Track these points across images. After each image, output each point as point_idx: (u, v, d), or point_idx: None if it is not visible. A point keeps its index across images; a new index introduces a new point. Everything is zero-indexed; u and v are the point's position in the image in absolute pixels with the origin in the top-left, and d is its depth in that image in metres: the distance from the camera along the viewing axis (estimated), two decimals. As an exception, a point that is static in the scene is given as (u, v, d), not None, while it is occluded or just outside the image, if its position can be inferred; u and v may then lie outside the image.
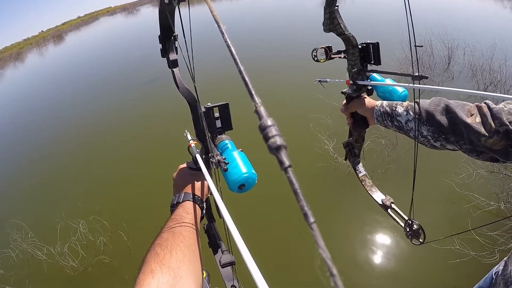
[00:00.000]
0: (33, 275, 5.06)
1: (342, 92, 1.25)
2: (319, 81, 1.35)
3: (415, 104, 0.96)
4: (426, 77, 1.00)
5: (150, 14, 44.01)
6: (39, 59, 36.64)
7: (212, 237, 1.21)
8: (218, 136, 1.08)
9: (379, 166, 5.30)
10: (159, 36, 1.04)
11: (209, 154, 1.04)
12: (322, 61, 1.18)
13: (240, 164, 0.91)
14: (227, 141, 1.04)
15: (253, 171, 0.91)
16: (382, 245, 4.27)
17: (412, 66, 1.04)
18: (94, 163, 7.83)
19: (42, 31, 75.89)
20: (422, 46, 1.14)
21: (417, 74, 0.94)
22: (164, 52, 1.08)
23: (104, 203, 6.10)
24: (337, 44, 1.23)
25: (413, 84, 0.97)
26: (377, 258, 4.12)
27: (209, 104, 1.05)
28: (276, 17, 18.84)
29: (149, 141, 8.03)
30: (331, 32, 1.11)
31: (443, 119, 0.90)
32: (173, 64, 1.06)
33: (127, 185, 6.63)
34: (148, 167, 6.92)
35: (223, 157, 0.94)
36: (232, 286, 1.15)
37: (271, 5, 24.19)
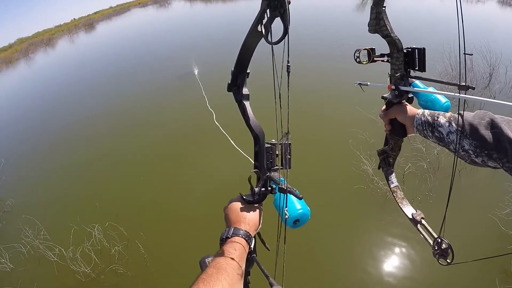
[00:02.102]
0: (43, 274, 4.95)
1: (383, 97, 1.20)
2: (359, 83, 1.29)
3: (459, 115, 0.93)
4: (473, 88, 0.95)
5: (181, 9, 44.75)
6: (69, 46, 37.71)
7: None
8: (273, 173, 1.11)
9: (419, 192, 4.90)
10: (232, 71, 1.11)
11: (268, 188, 1.09)
12: (364, 63, 1.16)
13: (294, 201, 0.98)
14: (280, 179, 1.07)
15: (307, 208, 0.99)
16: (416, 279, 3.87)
17: (459, 75, 0.96)
18: (118, 163, 7.62)
19: (74, 18, 78.08)
20: (472, 54, 1.08)
21: (464, 83, 0.91)
22: (232, 86, 1.13)
23: (123, 207, 5.88)
24: (380, 46, 1.20)
25: (459, 94, 0.93)
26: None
27: (273, 140, 1.11)
28: (308, 18, 18.34)
29: (180, 144, 7.74)
30: (376, 33, 1.09)
31: (487, 134, 0.87)
32: (245, 97, 1.12)
33: (150, 190, 6.32)
34: (176, 173, 6.66)
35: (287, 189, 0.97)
36: None
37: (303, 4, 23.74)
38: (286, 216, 0.95)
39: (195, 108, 9.01)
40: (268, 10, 0.85)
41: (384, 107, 1.21)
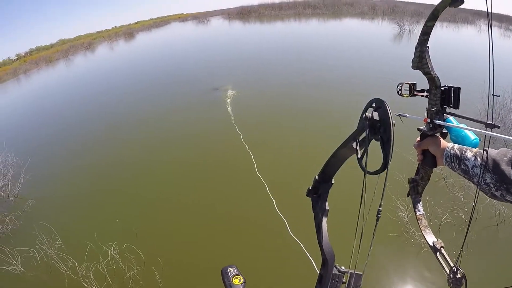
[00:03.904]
0: (53, 285, 4.87)
1: (418, 129, 1.31)
2: (399, 115, 1.34)
3: (484, 151, 1.00)
4: (498, 127, 1.04)
5: (220, 25, 46.27)
6: (108, 52, 39.46)
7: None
8: None
9: (455, 247, 4.48)
10: (315, 178, 1.21)
11: None
12: (405, 96, 1.24)
13: None
14: None
15: None
16: None
17: (487, 114, 1.03)
18: (142, 179, 7.53)
19: (115, 26, 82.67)
20: (499, 96, 1.31)
21: (490, 122, 1.01)
22: (312, 193, 1.21)
23: (144, 226, 5.75)
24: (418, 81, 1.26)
25: (485, 131, 1.03)
26: None
27: (343, 267, 1.07)
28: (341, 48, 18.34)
29: (207, 166, 7.56)
30: (418, 70, 1.18)
31: (507, 169, 0.93)
32: (325, 213, 1.15)
33: (174, 211, 6.19)
34: (202, 196, 6.47)
35: None
36: None
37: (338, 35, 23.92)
38: None
39: (224, 132, 8.98)
40: (368, 130, 0.89)
41: (418, 138, 1.31)
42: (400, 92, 1.24)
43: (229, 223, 5.60)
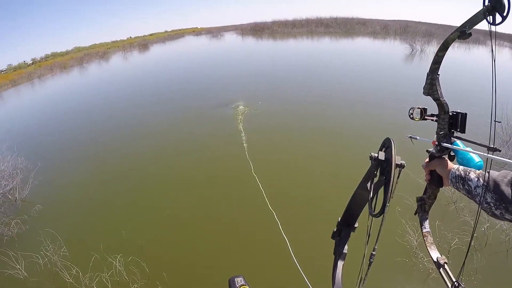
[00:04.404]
0: None
1: (427, 151, 1.39)
2: (410, 137, 1.48)
3: (486, 173, 1.09)
4: (499, 150, 1.13)
5: (234, 41, 47.16)
6: (121, 62, 40.29)
7: None
8: None
9: (465, 272, 4.33)
10: (339, 221, 1.33)
11: None
12: (416, 119, 1.33)
13: None
14: None
15: None
16: None
17: (489, 139, 1.10)
18: (150, 192, 7.54)
19: (130, 37, 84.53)
20: (501, 122, 1.23)
21: (492, 146, 1.11)
22: (336, 236, 1.32)
23: (150, 240, 5.73)
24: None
25: (487, 154, 1.13)
26: None
27: None
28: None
29: (216, 182, 7.54)
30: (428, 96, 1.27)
31: (506, 190, 1.02)
32: (342, 257, 1.28)
33: (179, 226, 6.17)
34: (209, 213, 6.43)
35: None
36: None
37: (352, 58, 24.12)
38: None
39: (233, 148, 9.01)
40: (378, 171, 0.94)
41: (427, 159, 1.41)
42: (411, 115, 1.34)
43: (234, 239, 5.56)
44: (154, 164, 8.81)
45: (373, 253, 0.95)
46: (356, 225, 1.29)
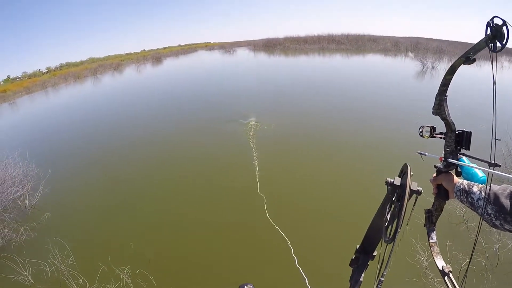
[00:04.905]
0: None
1: (435, 166, 1.48)
2: (420, 153, 1.59)
3: (487, 186, 1.20)
4: (499, 166, 1.24)
5: (245, 56, 47.84)
6: (135, 75, 41.09)
7: None
8: None
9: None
10: (357, 249, 1.38)
11: None
12: (426, 137, 1.44)
13: None
14: None
15: None
16: None
17: (490, 155, 1.23)
18: (160, 205, 7.51)
19: (144, 50, 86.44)
20: (500, 139, 1.30)
21: (493, 161, 1.24)
22: (354, 264, 1.36)
23: (158, 253, 5.71)
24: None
25: (488, 169, 1.26)
26: None
27: None
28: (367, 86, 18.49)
29: (229, 197, 7.48)
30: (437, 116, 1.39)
31: (505, 202, 1.12)
32: (358, 284, 1.33)
33: (190, 240, 6.11)
34: (221, 227, 6.39)
35: None
36: None
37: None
38: None
39: (243, 165, 8.99)
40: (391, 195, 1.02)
41: (435, 174, 1.51)
42: (421, 133, 1.45)
43: (244, 255, 5.50)
44: (164, 177, 8.87)
45: (382, 279, 0.99)
46: (374, 254, 1.34)
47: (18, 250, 6.06)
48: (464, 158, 1.43)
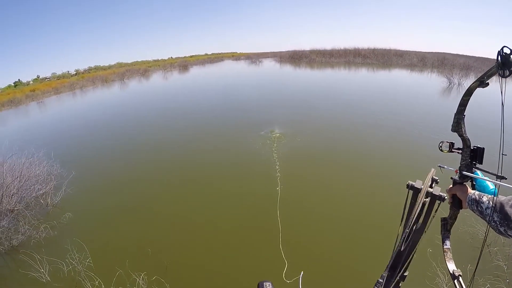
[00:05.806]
0: None
1: (451, 178, 1.64)
2: (439, 166, 1.74)
3: (495, 197, 1.36)
4: (505, 178, 1.40)
5: (270, 66, 48.20)
6: (161, 81, 42.10)
7: None
8: None
9: None
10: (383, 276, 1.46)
11: None
12: (445, 151, 1.62)
13: None
14: None
15: None
16: None
17: (497, 168, 1.40)
18: (180, 213, 7.45)
19: (171, 57, 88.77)
20: (506, 155, 1.39)
21: (500, 174, 1.41)
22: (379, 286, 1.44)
23: (175, 260, 5.68)
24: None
25: (496, 181, 1.43)
26: None
27: None
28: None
29: (250, 209, 7.34)
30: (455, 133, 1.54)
31: (509, 211, 1.27)
32: None
33: (209, 249, 6.04)
34: (242, 238, 6.30)
35: None
36: None
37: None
38: None
39: (265, 177, 8.90)
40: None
41: (451, 185, 1.65)
42: (441, 148, 1.63)
43: (260, 271, 5.39)
44: (186, 183, 8.90)
45: (380, 280, 1.20)
46: (406, 274, 1.47)
47: (37, 247, 6.22)
48: (478, 171, 1.58)
